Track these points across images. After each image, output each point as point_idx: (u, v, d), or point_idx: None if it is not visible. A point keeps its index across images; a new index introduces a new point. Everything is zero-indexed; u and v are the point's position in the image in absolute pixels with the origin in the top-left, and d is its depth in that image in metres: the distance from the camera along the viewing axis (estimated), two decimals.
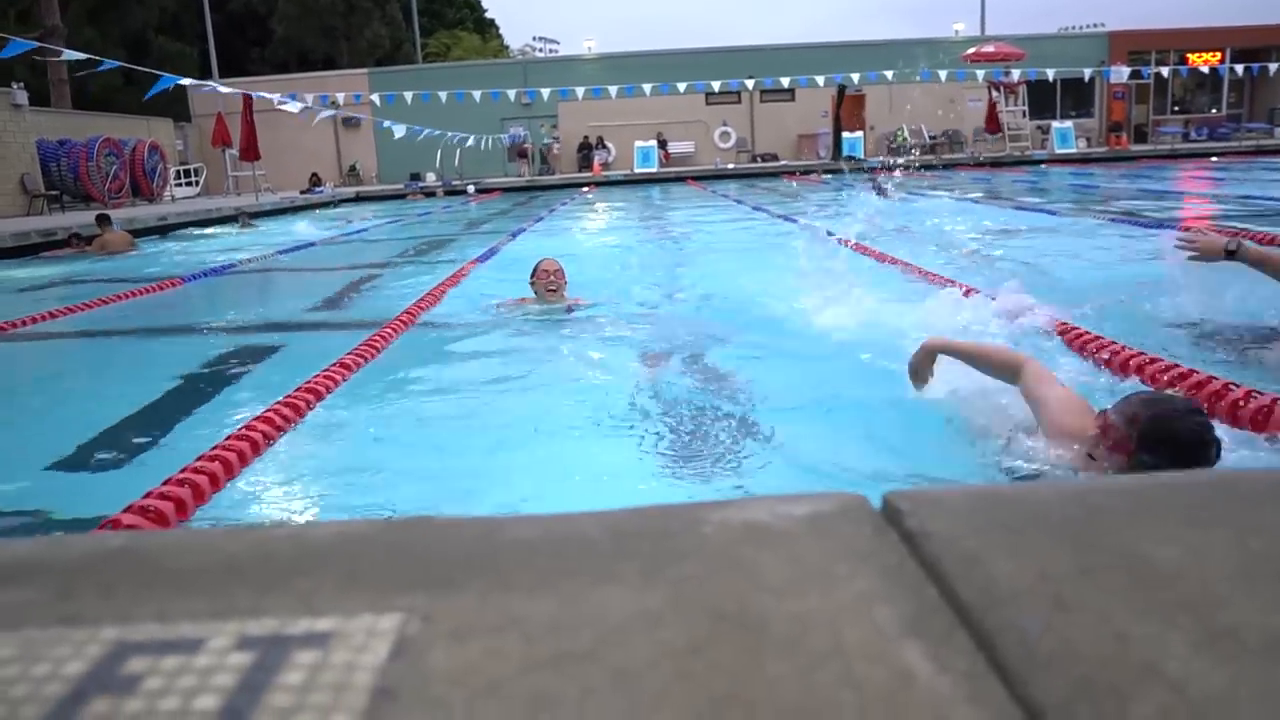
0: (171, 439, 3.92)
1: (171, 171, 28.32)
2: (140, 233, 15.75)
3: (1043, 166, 27.94)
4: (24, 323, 6.87)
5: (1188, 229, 2.51)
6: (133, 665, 0.77)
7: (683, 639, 0.78)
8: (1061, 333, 4.70)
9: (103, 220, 14.01)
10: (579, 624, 0.81)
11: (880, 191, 10.42)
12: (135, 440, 3.90)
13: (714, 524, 1.01)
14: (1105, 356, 4.09)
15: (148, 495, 2.52)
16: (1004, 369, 2.63)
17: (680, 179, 29.71)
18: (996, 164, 29.29)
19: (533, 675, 0.74)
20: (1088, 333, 4.54)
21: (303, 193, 28.66)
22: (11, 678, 0.76)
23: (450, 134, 27.50)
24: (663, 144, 33.84)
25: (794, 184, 24.62)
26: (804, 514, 1.03)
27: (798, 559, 0.91)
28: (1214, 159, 26.32)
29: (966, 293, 5.91)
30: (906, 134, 34.23)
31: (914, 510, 1.01)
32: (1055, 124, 32.15)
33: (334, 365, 4.55)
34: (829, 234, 10.42)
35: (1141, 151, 29.89)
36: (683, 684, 0.72)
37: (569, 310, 5.85)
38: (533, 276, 5.89)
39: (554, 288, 5.72)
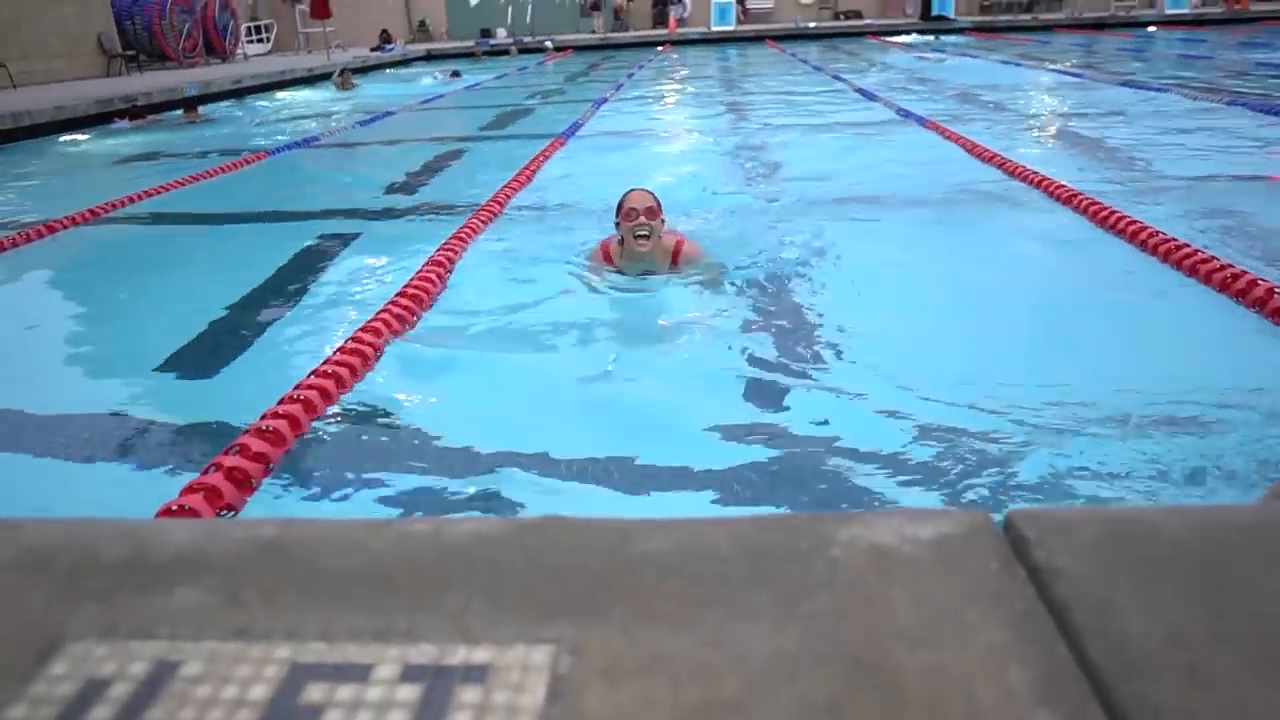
0: (269, 342, 4.05)
1: (243, 29, 28.13)
2: (213, 97, 15.81)
3: (1150, 29, 26.08)
4: (112, 206, 7.03)
5: None
6: (311, 694, 0.84)
7: (823, 693, 0.82)
8: (1157, 246, 4.49)
9: (189, 106, 14.06)
10: (723, 668, 0.85)
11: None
12: (230, 342, 4.03)
13: (841, 545, 1.04)
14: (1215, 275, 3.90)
15: (264, 416, 2.66)
16: None
17: (759, 38, 28.51)
18: (1099, 26, 27.44)
19: None
20: (1195, 250, 4.31)
21: (373, 50, 28.30)
22: (206, 699, 0.84)
23: None
24: None
25: (880, 46, 23.48)
26: (930, 537, 1.04)
27: (928, 597, 0.94)
28: None
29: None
30: None
31: (1040, 540, 1.02)
32: None
33: (428, 265, 4.61)
34: (910, 117, 10.01)
35: (1265, 12, 27.57)
36: None
37: (667, 276, 4.41)
38: (618, 215, 4.40)
39: (645, 233, 4.25)
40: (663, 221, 4.38)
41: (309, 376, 3.07)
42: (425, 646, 0.90)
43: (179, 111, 14.14)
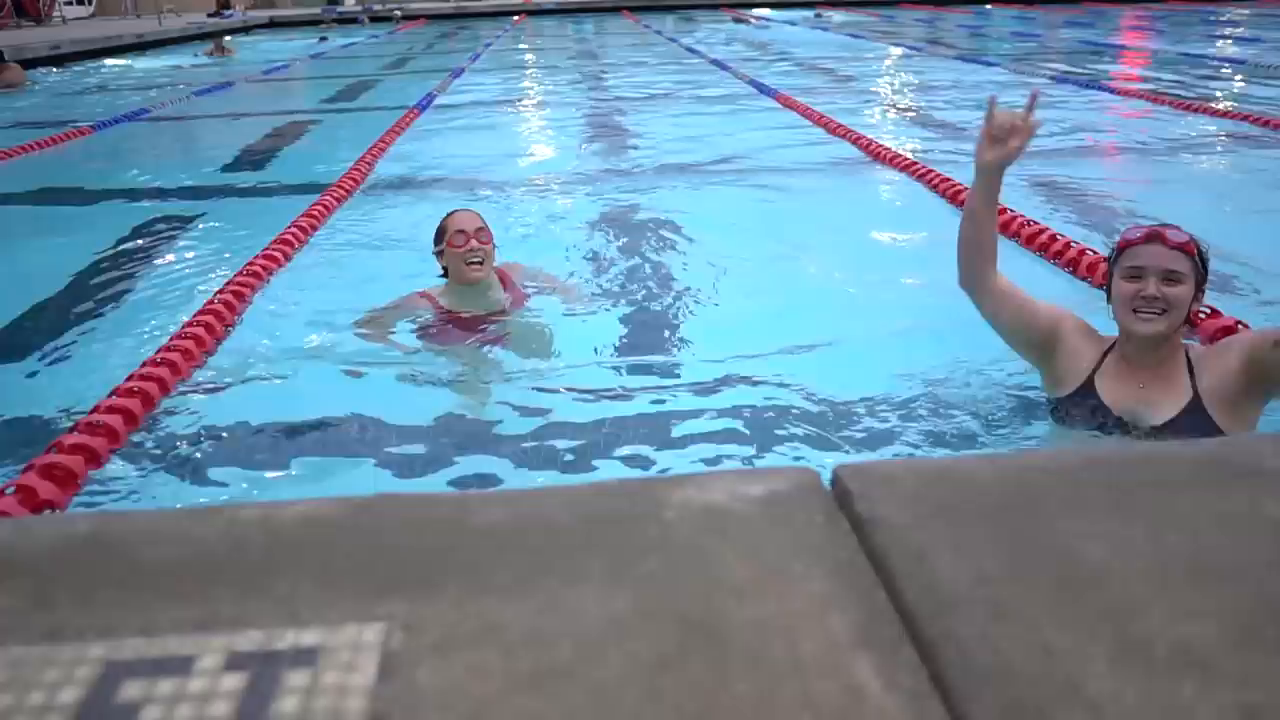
0: (96, 330, 3.81)
1: None
2: (28, 64, 14.62)
3: (987, 7, 27.42)
4: None
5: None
6: (128, 691, 0.80)
7: (653, 651, 0.84)
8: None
9: None
10: (555, 634, 0.86)
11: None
12: (53, 331, 3.77)
13: (675, 507, 1.06)
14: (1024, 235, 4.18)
15: (95, 410, 2.50)
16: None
17: (616, 9, 28.46)
18: (941, 2, 28.66)
19: (517, 696, 0.79)
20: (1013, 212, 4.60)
21: (210, 15, 26.77)
22: (7, 708, 0.79)
23: None
24: None
25: (733, 22, 23.83)
26: (760, 495, 1.08)
27: (756, 553, 0.97)
28: (1159, 2, 26.10)
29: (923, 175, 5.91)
30: None
31: (863, 492, 1.07)
32: None
33: (272, 244, 4.42)
34: (760, 89, 10.24)
35: None
36: (655, 704, 0.78)
37: (502, 312, 3.67)
38: (440, 242, 3.61)
39: (477, 259, 3.52)
40: (493, 246, 3.65)
41: (142, 366, 2.91)
42: (252, 633, 0.87)
43: None
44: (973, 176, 2.48)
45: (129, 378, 2.81)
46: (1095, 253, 3.83)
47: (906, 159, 6.20)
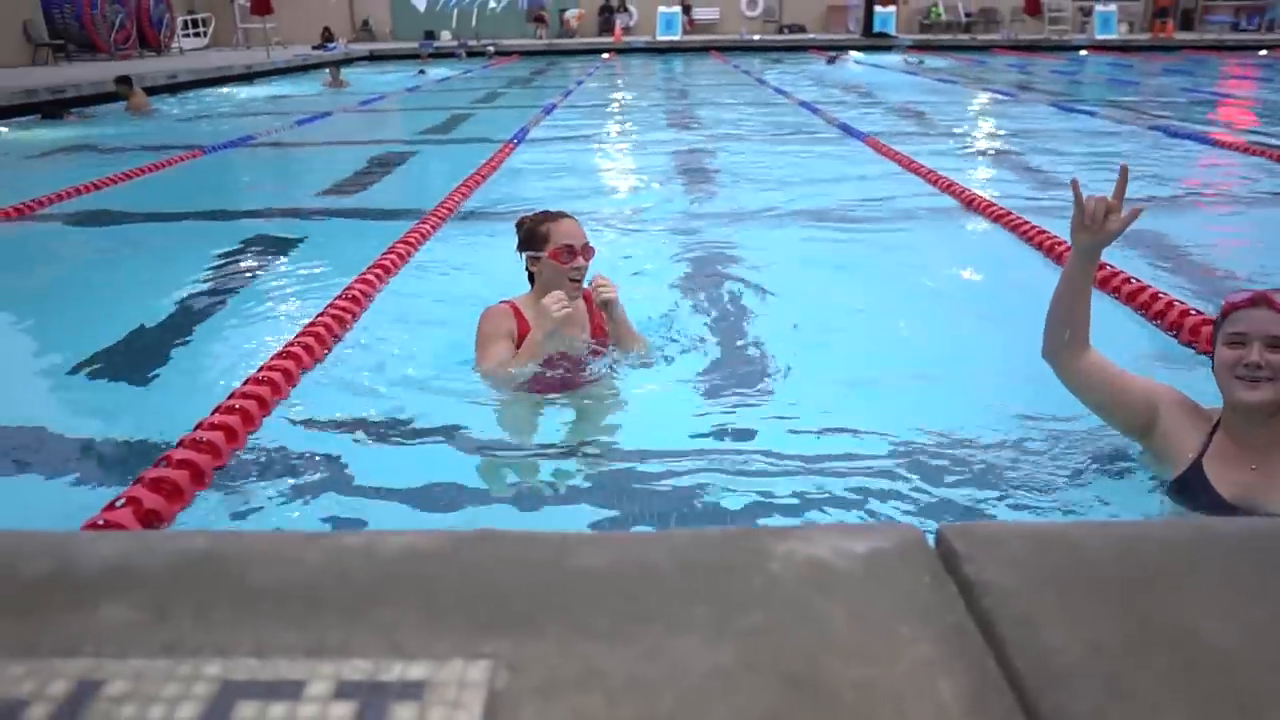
0: (202, 349, 3.96)
1: (178, 22, 27.49)
2: (147, 92, 15.41)
3: (1082, 53, 26.91)
4: (38, 204, 6.79)
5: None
6: (242, 712, 0.82)
7: (757, 707, 0.83)
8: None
9: (124, 82, 13.66)
10: (659, 682, 0.86)
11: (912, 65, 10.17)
12: (163, 349, 3.93)
13: (777, 560, 1.05)
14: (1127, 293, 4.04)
15: (199, 427, 2.60)
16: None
17: (705, 49, 28.75)
18: (1033, 48, 28.24)
19: None
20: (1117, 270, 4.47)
21: (314, 48, 27.88)
22: (131, 718, 0.81)
23: None
24: (687, 9, 32.60)
25: (824, 62, 23.86)
26: (864, 552, 1.06)
27: (862, 612, 0.96)
28: (1263, 53, 25.28)
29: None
30: (942, 10, 32.91)
31: (970, 554, 1.05)
32: (1098, 5, 30.75)
33: (372, 268, 4.54)
34: (851, 133, 10.20)
35: (1186, 41, 28.68)
36: None
37: (595, 354, 3.31)
38: (540, 246, 3.17)
39: (578, 276, 3.18)
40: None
41: (244, 384, 3.01)
42: (359, 662, 0.88)
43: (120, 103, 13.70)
44: (1070, 255, 2.41)
45: (231, 395, 2.91)
46: (1199, 313, 3.68)
47: (999, 207, 6.09)
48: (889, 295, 4.47)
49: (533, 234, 3.20)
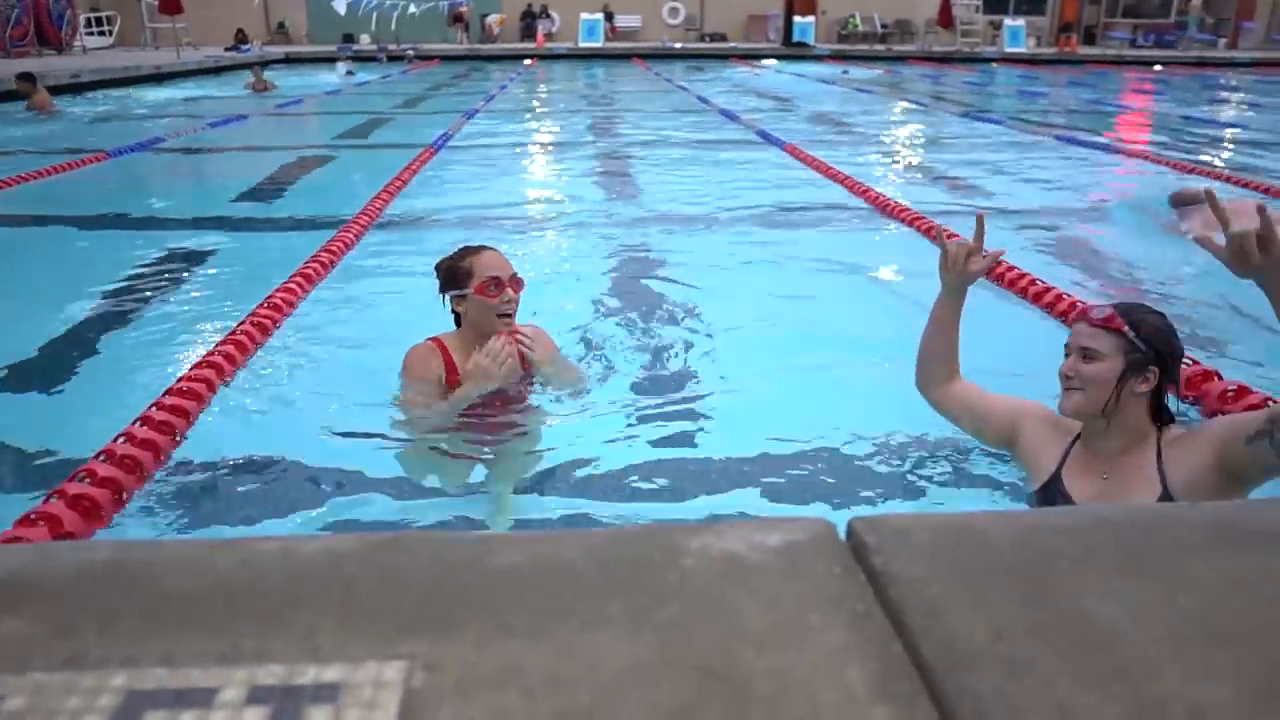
0: (112, 359, 3.83)
1: (81, 19, 26.49)
2: (51, 91, 14.82)
3: (992, 65, 27.82)
4: None
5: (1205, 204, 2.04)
6: None
7: (673, 699, 0.84)
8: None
9: (25, 79, 13.09)
10: (576, 678, 0.87)
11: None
12: (68, 360, 3.79)
13: (692, 554, 1.07)
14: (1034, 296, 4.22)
15: (118, 438, 2.51)
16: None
17: (627, 57, 28.88)
18: (946, 59, 29.09)
19: None
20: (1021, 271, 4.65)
21: (227, 50, 27.15)
22: None
23: None
24: (609, 16, 32.71)
25: (745, 69, 24.19)
26: (776, 545, 1.09)
27: (774, 603, 0.98)
28: (1157, 68, 26.51)
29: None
30: (859, 21, 33.67)
31: (879, 545, 1.08)
32: (1007, 20, 31.84)
33: (292, 277, 4.44)
34: (770, 139, 10.38)
35: (1089, 55, 29.91)
36: None
37: (524, 385, 3.14)
38: (464, 284, 2.96)
39: (509, 310, 2.97)
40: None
41: (162, 396, 2.92)
42: (274, 667, 0.87)
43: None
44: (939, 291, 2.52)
45: (151, 406, 2.82)
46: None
47: (911, 211, 6.27)
48: (805, 296, 4.56)
49: (454, 271, 2.97)
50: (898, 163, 9.88)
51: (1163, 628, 0.94)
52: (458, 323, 3.05)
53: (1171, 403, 2.21)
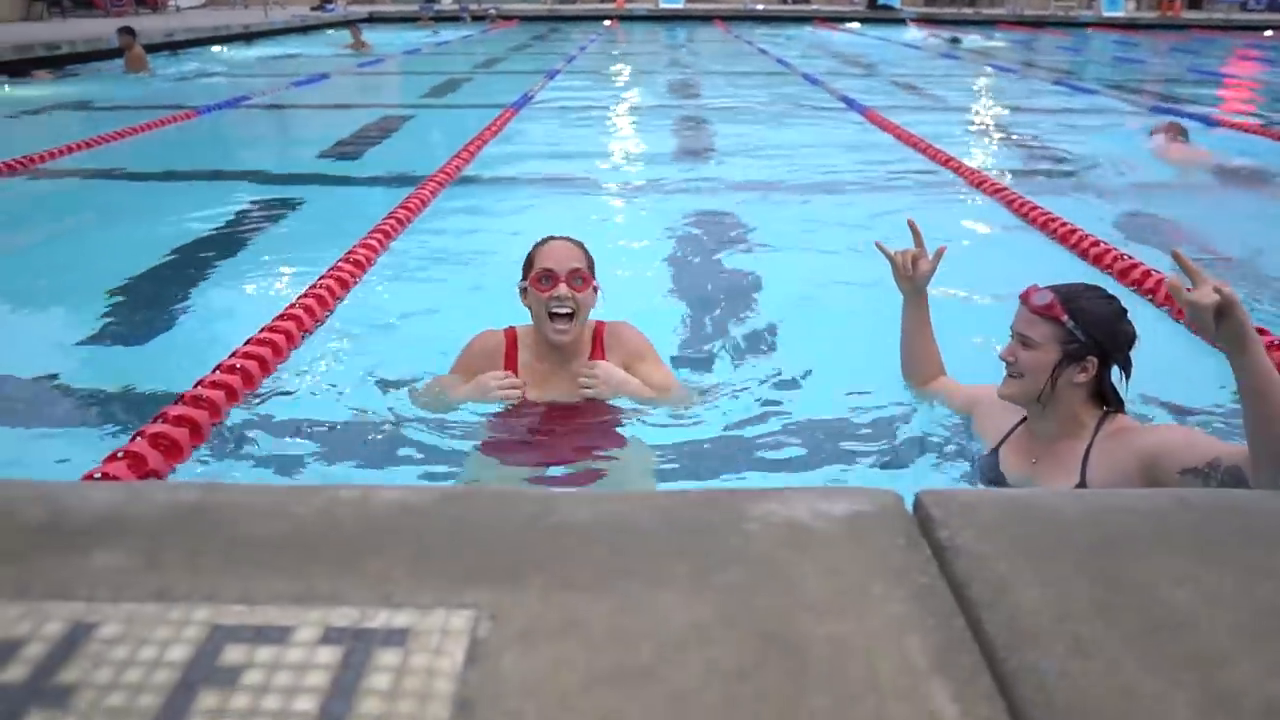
0: (201, 308, 3.96)
1: None
2: (147, 50, 15.26)
3: (1087, 30, 26.71)
4: (33, 160, 6.75)
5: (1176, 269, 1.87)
6: (231, 655, 0.84)
7: (732, 660, 0.85)
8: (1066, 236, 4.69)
9: (126, 32, 13.48)
10: (638, 634, 0.88)
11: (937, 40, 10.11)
12: (162, 307, 3.93)
13: (756, 520, 1.07)
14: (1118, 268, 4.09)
15: (199, 384, 2.62)
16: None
17: (708, 19, 28.49)
18: (1039, 23, 28.02)
19: (599, 691, 0.81)
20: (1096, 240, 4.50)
21: (313, 9, 27.56)
22: (123, 660, 0.84)
23: None
24: None
25: (828, 32, 23.68)
26: (841, 514, 1.09)
27: (836, 571, 0.98)
28: (1268, 34, 25.09)
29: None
30: None
31: (945, 520, 1.07)
32: None
33: (372, 233, 4.53)
34: (853, 105, 10.17)
35: (1193, 20, 28.48)
36: (733, 711, 0.79)
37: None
38: (525, 271, 2.67)
39: (567, 310, 2.59)
40: (595, 290, 2.63)
41: (245, 344, 3.02)
42: (346, 610, 0.91)
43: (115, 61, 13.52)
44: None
45: (231, 354, 2.92)
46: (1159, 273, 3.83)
47: (991, 180, 6.10)
48: (882, 264, 4.47)
49: (525, 261, 2.66)
50: (984, 132, 9.58)
51: (1239, 617, 0.91)
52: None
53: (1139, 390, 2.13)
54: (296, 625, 0.89)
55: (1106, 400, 2.16)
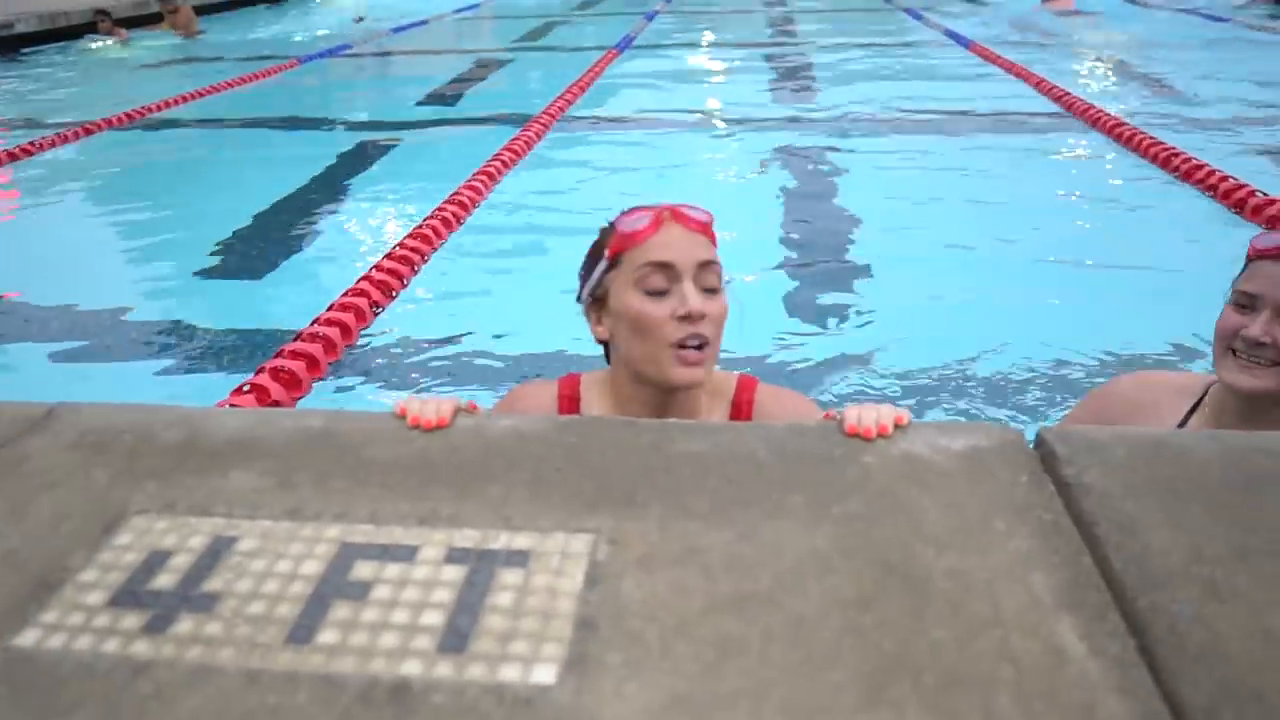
0: (314, 249, 4.09)
1: None
2: (242, 2, 15.57)
3: None
4: (145, 111, 7.00)
5: None
6: (360, 570, 0.88)
7: (852, 589, 0.85)
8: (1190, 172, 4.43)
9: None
10: (755, 562, 0.88)
11: None
12: (274, 249, 4.07)
13: (874, 453, 1.06)
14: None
15: (315, 321, 2.73)
16: None
17: None
18: None
19: (717, 616, 0.82)
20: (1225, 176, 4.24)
21: None
22: (261, 572, 0.88)
23: None
24: None
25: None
26: (961, 450, 1.06)
27: (957, 506, 0.96)
28: None
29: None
30: None
31: (1070, 457, 1.04)
32: None
33: (477, 174, 4.59)
34: (958, 39, 9.75)
35: None
36: (853, 639, 0.79)
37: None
38: (607, 275, 1.41)
39: (696, 340, 1.32)
40: (725, 304, 1.41)
41: (357, 282, 3.12)
42: (469, 532, 0.93)
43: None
44: None
45: (344, 293, 3.02)
46: None
47: (1113, 118, 5.79)
48: (996, 203, 4.32)
49: (591, 256, 1.49)
50: (1097, 65, 9.09)
51: None
52: (608, 356, 1.53)
53: None
54: (421, 545, 0.92)
55: None
